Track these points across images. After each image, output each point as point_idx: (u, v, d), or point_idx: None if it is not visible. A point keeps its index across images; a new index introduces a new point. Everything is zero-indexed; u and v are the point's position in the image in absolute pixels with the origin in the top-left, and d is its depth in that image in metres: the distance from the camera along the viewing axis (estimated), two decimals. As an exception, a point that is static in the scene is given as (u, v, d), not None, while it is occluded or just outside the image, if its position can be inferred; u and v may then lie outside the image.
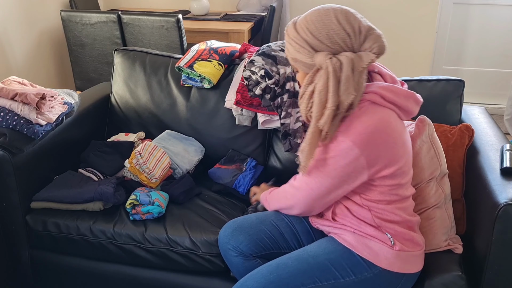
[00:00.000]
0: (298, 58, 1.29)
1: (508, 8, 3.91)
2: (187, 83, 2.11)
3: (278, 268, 1.37)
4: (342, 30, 1.23)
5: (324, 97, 1.23)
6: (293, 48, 1.29)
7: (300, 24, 1.28)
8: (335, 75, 1.21)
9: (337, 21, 1.24)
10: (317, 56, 1.24)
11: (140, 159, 1.83)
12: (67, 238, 1.77)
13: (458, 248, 1.54)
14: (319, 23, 1.25)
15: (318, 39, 1.25)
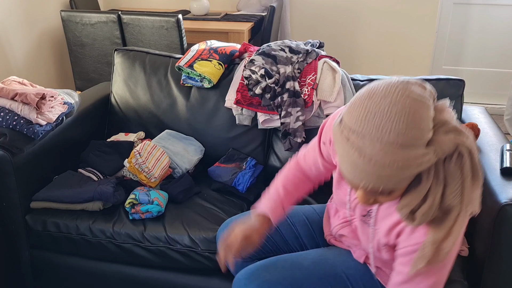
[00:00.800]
0: (404, 184, 0.95)
1: (508, 8, 3.91)
2: (187, 83, 2.11)
3: (293, 266, 1.33)
4: (427, 120, 0.92)
5: (463, 193, 0.96)
6: (400, 171, 0.90)
7: (399, 134, 0.88)
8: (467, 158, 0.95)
9: (419, 115, 0.90)
10: (427, 153, 0.91)
11: (139, 159, 1.83)
12: (66, 237, 1.77)
13: (464, 250, 1.53)
14: (414, 119, 0.89)
15: (414, 138, 0.89)
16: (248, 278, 1.32)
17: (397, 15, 4.07)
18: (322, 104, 1.93)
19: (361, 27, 4.18)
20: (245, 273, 1.34)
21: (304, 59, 1.99)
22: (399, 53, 4.19)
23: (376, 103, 0.89)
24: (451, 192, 0.94)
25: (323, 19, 4.19)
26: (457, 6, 4.00)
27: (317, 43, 2.09)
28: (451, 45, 4.13)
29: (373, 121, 0.88)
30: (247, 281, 1.32)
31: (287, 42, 2.05)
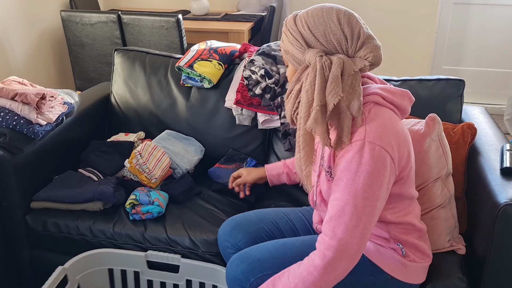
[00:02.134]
0: (290, 51, 1.23)
1: (508, 8, 3.91)
2: (187, 83, 2.11)
3: (284, 246, 1.36)
4: (340, 31, 1.18)
5: (311, 96, 1.16)
6: (288, 40, 1.23)
7: (300, 17, 1.22)
8: (322, 73, 1.15)
9: (337, 21, 1.18)
10: (308, 52, 1.18)
11: (140, 159, 1.82)
12: (67, 238, 1.77)
13: (461, 248, 1.54)
14: (318, 19, 1.18)
15: (313, 34, 1.18)
16: (240, 258, 1.38)
17: (397, 15, 4.07)
18: (322, 104, 1.93)
19: (361, 27, 4.18)
20: (238, 255, 1.40)
21: (304, 59, 1.99)
22: (399, 53, 4.19)
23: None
24: (302, 93, 1.18)
25: (323, 19, 4.19)
26: (457, 6, 4.00)
27: (317, 43, 2.09)
28: (451, 45, 4.13)
29: (309, 9, 1.23)
30: (239, 261, 1.37)
31: (287, 42, 2.05)
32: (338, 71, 1.14)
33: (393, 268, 1.31)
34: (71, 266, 1.64)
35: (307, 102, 1.16)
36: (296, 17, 1.23)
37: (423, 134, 1.51)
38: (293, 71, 1.27)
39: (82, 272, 1.68)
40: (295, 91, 1.22)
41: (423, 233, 1.38)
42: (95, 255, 1.68)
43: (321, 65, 1.15)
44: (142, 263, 1.68)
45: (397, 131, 1.20)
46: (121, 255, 1.69)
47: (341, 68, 1.15)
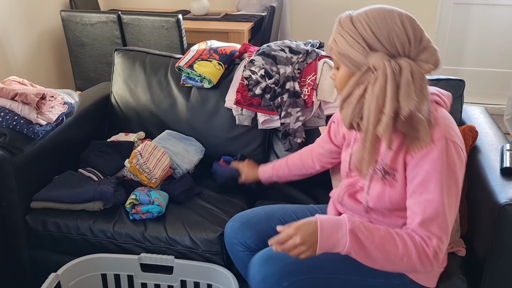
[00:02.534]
0: (349, 54, 1.17)
1: (508, 8, 3.91)
2: (187, 83, 2.11)
3: (315, 269, 1.32)
4: (404, 34, 1.14)
5: (381, 102, 1.12)
6: (346, 42, 1.17)
7: (359, 18, 1.16)
8: (394, 79, 1.11)
9: (401, 23, 1.14)
10: (372, 55, 1.14)
11: (141, 159, 1.82)
12: (67, 238, 1.77)
13: (461, 251, 1.54)
14: (381, 22, 1.14)
15: (377, 37, 1.14)
16: (272, 258, 1.32)
17: (397, 15, 4.06)
18: (322, 105, 1.93)
19: (361, 27, 4.17)
20: (268, 255, 1.34)
21: (304, 59, 1.99)
22: (399, 53, 4.18)
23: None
24: (368, 99, 1.15)
25: (323, 19, 4.19)
26: (457, 6, 4.00)
27: (317, 43, 2.09)
28: (451, 45, 4.13)
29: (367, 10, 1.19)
30: (271, 262, 1.32)
31: (287, 42, 2.05)
32: (409, 75, 1.12)
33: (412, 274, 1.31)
34: (64, 273, 1.63)
35: (377, 108, 1.13)
36: (353, 18, 1.18)
37: None
38: (347, 74, 1.21)
39: (76, 278, 1.68)
40: (356, 96, 1.17)
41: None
42: (88, 260, 1.68)
43: (391, 71, 1.11)
44: (135, 266, 1.68)
45: (458, 130, 1.24)
46: (114, 259, 1.68)
47: (411, 72, 1.13)
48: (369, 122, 1.15)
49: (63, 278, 1.63)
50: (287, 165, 1.75)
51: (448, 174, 1.16)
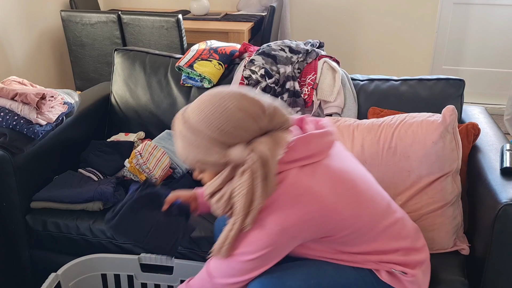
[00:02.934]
0: (207, 160, 1.10)
1: (508, 8, 3.91)
2: (187, 83, 2.11)
3: (319, 274, 1.25)
4: (248, 116, 1.08)
5: (250, 198, 1.08)
6: (198, 151, 1.10)
7: (198, 121, 1.10)
8: (263, 172, 1.07)
9: (237, 108, 1.08)
10: (232, 152, 1.08)
11: (140, 159, 1.82)
12: (67, 238, 1.77)
13: (465, 249, 1.54)
14: (223, 116, 1.08)
15: (227, 133, 1.08)
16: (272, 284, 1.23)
17: (397, 15, 4.07)
18: (322, 104, 1.93)
19: (361, 27, 4.18)
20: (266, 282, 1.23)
21: (304, 59, 1.99)
22: (399, 53, 4.19)
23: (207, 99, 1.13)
24: (236, 194, 1.09)
25: (323, 19, 4.19)
26: (457, 6, 4.00)
27: (317, 43, 2.09)
28: (451, 45, 4.13)
29: (198, 108, 1.13)
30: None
31: (287, 42, 2.05)
32: (274, 160, 1.08)
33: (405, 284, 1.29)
34: (64, 273, 1.63)
35: (247, 204, 1.09)
36: (191, 125, 1.12)
37: (439, 125, 1.50)
38: (213, 175, 1.15)
39: (75, 278, 1.67)
40: (227, 193, 1.12)
41: (403, 250, 1.30)
42: (88, 260, 1.67)
43: (259, 163, 1.07)
44: (135, 267, 1.67)
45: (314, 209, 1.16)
46: (114, 259, 1.68)
47: (273, 155, 1.09)
48: (239, 217, 1.10)
49: (63, 278, 1.63)
50: None
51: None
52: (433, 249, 1.53)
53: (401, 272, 1.27)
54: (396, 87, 1.94)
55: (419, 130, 1.53)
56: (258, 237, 1.12)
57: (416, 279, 1.29)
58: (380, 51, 4.22)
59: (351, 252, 1.25)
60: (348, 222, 1.18)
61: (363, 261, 1.27)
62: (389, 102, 1.90)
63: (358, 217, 1.20)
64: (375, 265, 1.28)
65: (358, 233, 1.21)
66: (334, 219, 1.16)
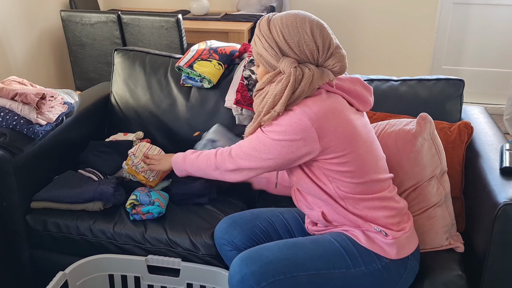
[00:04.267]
0: (264, 56, 1.32)
1: (508, 8, 3.91)
2: (187, 83, 2.11)
3: (295, 246, 1.36)
4: (313, 42, 1.28)
5: (277, 100, 1.28)
6: (262, 45, 1.32)
7: (275, 24, 1.30)
8: (293, 85, 1.26)
9: (311, 32, 1.28)
10: (283, 60, 1.29)
11: (135, 160, 1.82)
12: (67, 238, 1.77)
13: (459, 247, 1.54)
14: (293, 30, 1.28)
15: (288, 44, 1.28)
16: (250, 258, 1.33)
17: (397, 15, 4.07)
18: (322, 104, 1.93)
19: (361, 27, 4.18)
20: (247, 254, 1.35)
21: (304, 59, 2.00)
22: (399, 53, 4.19)
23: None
24: (269, 95, 1.31)
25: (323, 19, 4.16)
26: (456, 6, 4.00)
27: (317, 43, 2.09)
28: (451, 45, 4.13)
29: (284, 16, 1.32)
30: (249, 262, 1.32)
31: (287, 42, 2.05)
32: (307, 85, 1.27)
33: (387, 251, 1.34)
34: (72, 272, 1.64)
35: (272, 104, 1.30)
36: (270, 23, 1.31)
37: (414, 134, 1.51)
38: (264, 72, 1.36)
39: (83, 277, 1.68)
40: (266, 92, 1.34)
41: (398, 209, 1.40)
42: (96, 260, 1.68)
43: (294, 78, 1.26)
44: (142, 268, 1.68)
45: (335, 114, 1.32)
46: (122, 260, 1.68)
47: (310, 81, 1.27)
48: (261, 112, 1.33)
49: (71, 277, 1.63)
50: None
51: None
52: (426, 248, 1.54)
53: (382, 231, 1.34)
54: (396, 87, 1.94)
55: (398, 140, 1.54)
56: (287, 121, 1.29)
57: (397, 242, 1.35)
58: (380, 51, 4.22)
59: (346, 192, 1.35)
60: (353, 148, 1.32)
61: (353, 209, 1.36)
62: (389, 102, 1.91)
63: (363, 154, 1.34)
64: (361, 220, 1.35)
65: (356, 167, 1.33)
66: (347, 133, 1.31)
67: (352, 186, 1.34)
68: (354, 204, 1.36)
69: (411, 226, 1.42)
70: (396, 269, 1.36)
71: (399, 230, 1.37)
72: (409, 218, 1.44)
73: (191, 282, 1.66)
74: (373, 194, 1.37)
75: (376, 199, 1.37)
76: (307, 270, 1.31)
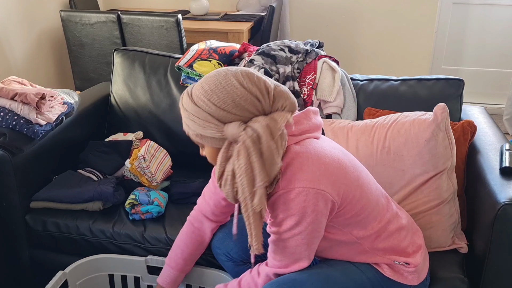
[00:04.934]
0: (205, 134, 1.14)
1: (508, 8, 3.91)
2: (187, 83, 2.11)
3: (328, 280, 1.26)
4: (248, 94, 1.10)
5: (251, 175, 1.09)
6: (197, 125, 1.13)
7: (199, 96, 1.13)
8: (256, 148, 1.08)
9: (240, 85, 1.11)
10: (227, 128, 1.10)
11: (143, 163, 1.80)
12: (66, 237, 1.77)
13: (463, 247, 1.54)
14: (221, 92, 1.11)
15: (224, 109, 1.10)
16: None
17: (396, 15, 4.07)
18: (321, 104, 1.93)
19: (361, 27, 4.18)
20: (279, 285, 1.23)
21: (303, 59, 1.99)
22: (398, 53, 4.19)
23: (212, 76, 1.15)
24: (237, 173, 1.11)
25: (322, 19, 4.19)
26: (456, 6, 4.00)
27: (316, 43, 2.09)
28: (450, 45, 4.13)
29: (203, 82, 1.15)
30: None
31: (287, 42, 2.05)
32: (269, 139, 1.09)
33: (409, 278, 1.33)
34: (72, 271, 1.64)
35: (250, 183, 1.10)
36: (193, 98, 1.14)
37: (431, 122, 1.51)
38: (214, 152, 1.18)
39: (83, 277, 1.68)
40: (229, 172, 1.13)
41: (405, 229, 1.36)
42: (96, 260, 1.68)
43: (251, 139, 1.08)
44: (142, 268, 1.67)
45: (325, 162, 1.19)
46: (122, 260, 1.68)
47: (270, 133, 1.09)
48: (246, 198, 1.12)
49: (70, 276, 1.63)
50: (182, 256, 1.56)
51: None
52: (431, 247, 1.54)
53: (403, 263, 1.31)
54: (395, 87, 1.94)
55: (412, 129, 1.54)
56: (290, 206, 1.15)
57: (417, 269, 1.33)
58: (380, 51, 4.22)
59: (361, 236, 1.28)
60: (359, 192, 1.23)
61: (371, 249, 1.30)
62: (388, 102, 1.91)
63: (365, 192, 1.25)
64: (380, 258, 1.31)
65: (367, 211, 1.25)
66: (350, 181, 1.21)
67: (362, 224, 1.27)
68: (371, 241, 1.30)
69: (423, 241, 1.40)
70: None
71: (415, 252, 1.34)
72: (417, 229, 1.42)
73: (190, 284, 1.66)
74: (383, 220, 1.31)
75: (387, 224, 1.31)
76: None
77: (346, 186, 1.20)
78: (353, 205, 1.23)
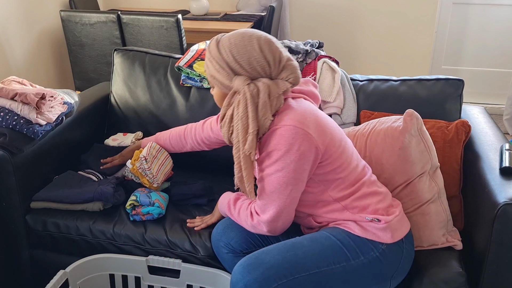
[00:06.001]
0: (217, 77, 1.34)
1: (508, 8, 3.91)
2: (187, 83, 2.12)
3: (294, 246, 1.36)
4: (263, 58, 1.30)
5: (245, 122, 1.28)
6: (213, 67, 1.34)
7: (224, 45, 1.32)
8: (253, 101, 1.28)
9: (259, 49, 1.30)
10: (235, 79, 1.31)
11: (145, 164, 1.79)
12: (66, 238, 1.77)
13: (457, 245, 1.55)
14: (241, 48, 1.30)
15: (239, 63, 1.30)
16: (251, 264, 1.32)
17: (396, 15, 4.07)
18: (321, 104, 1.93)
19: (361, 27, 4.18)
20: (248, 260, 1.34)
21: (303, 59, 1.99)
22: (398, 53, 4.19)
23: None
24: (234, 118, 1.31)
25: (323, 19, 4.19)
26: (456, 6, 4.00)
27: (316, 43, 2.09)
28: (450, 45, 4.13)
29: (231, 35, 1.34)
30: (251, 268, 1.31)
31: (287, 42, 2.05)
32: (266, 97, 1.28)
33: (381, 236, 1.36)
34: (73, 271, 1.64)
35: (244, 128, 1.29)
36: (219, 45, 1.33)
37: (402, 130, 1.52)
38: (221, 94, 1.38)
39: (84, 276, 1.68)
40: (228, 116, 1.34)
41: (383, 195, 1.43)
42: (97, 260, 1.68)
43: (250, 94, 1.28)
44: (143, 268, 1.68)
45: (313, 113, 1.37)
46: (123, 260, 1.68)
47: (268, 93, 1.29)
48: (239, 141, 1.31)
49: (71, 276, 1.64)
50: (169, 137, 1.88)
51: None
52: (424, 246, 1.54)
53: (374, 218, 1.36)
54: (395, 87, 1.94)
55: (386, 138, 1.55)
56: (276, 140, 1.30)
57: (389, 225, 1.37)
58: (380, 51, 4.22)
59: (337, 196, 1.39)
60: (340, 151, 1.37)
61: (345, 207, 1.40)
62: (388, 102, 1.91)
63: (346, 154, 1.39)
64: (351, 215, 1.38)
65: (345, 171, 1.38)
66: (334, 139, 1.36)
67: (339, 182, 1.38)
68: (345, 199, 1.39)
69: (401, 210, 1.45)
70: (393, 255, 1.37)
71: (389, 214, 1.40)
72: (398, 203, 1.47)
73: (191, 284, 1.66)
74: (358, 182, 1.40)
75: (362, 185, 1.40)
76: (308, 270, 1.32)
77: (330, 141, 1.34)
78: (334, 159, 1.36)
